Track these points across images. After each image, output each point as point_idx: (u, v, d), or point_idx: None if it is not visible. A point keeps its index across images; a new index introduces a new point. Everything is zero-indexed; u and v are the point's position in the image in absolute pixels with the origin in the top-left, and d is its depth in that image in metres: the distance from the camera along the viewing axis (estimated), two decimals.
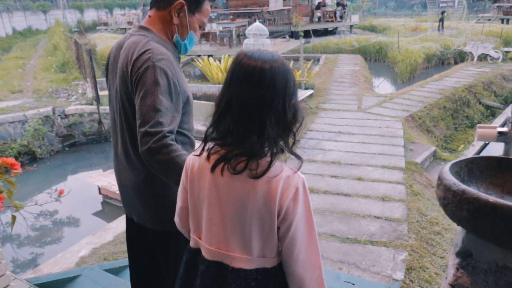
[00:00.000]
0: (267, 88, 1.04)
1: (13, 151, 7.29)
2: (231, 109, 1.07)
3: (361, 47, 16.94)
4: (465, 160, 1.02)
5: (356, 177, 5.35)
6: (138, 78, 1.43)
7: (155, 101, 1.39)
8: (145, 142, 1.37)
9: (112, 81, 1.65)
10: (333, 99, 9.37)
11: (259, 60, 1.05)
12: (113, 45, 1.71)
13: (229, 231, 1.14)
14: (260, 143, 1.06)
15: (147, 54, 1.45)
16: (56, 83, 11.26)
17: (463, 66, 13.43)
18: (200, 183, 1.17)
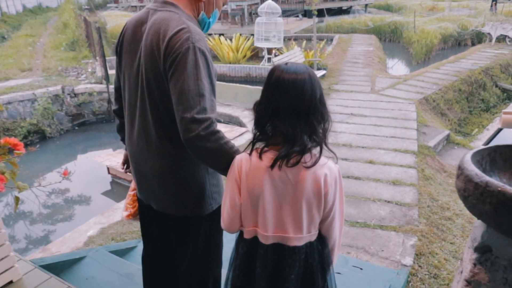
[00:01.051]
0: (311, 96, 1.28)
1: (23, 129, 7.32)
2: (278, 115, 1.27)
3: (375, 27, 16.55)
4: (488, 148, 0.93)
5: (367, 160, 5.26)
6: (177, 59, 1.35)
7: (199, 86, 1.34)
8: (192, 129, 1.32)
9: (130, 60, 1.53)
10: (345, 80, 9.19)
11: (298, 73, 1.27)
12: (128, 21, 1.58)
13: (284, 216, 1.36)
14: (309, 141, 1.30)
15: (185, 33, 1.36)
16: (66, 61, 11.22)
17: (480, 47, 13.04)
18: (254, 180, 1.34)
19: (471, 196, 0.82)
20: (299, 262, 1.41)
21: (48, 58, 11.77)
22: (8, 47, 14.59)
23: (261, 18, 9.78)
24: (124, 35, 1.57)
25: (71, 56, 12.04)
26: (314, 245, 1.43)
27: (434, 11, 19.84)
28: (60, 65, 10.66)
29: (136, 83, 1.52)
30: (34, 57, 12.25)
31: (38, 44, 15.33)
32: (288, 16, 14.59)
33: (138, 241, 3.00)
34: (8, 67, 10.61)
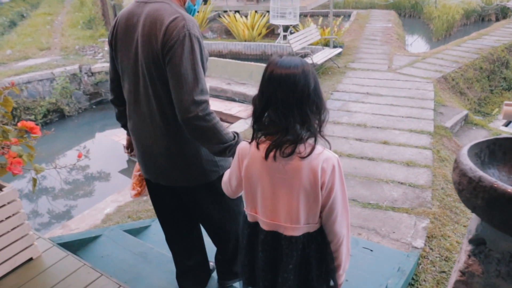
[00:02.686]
0: (303, 87, 1.30)
1: (42, 108, 7.48)
2: (272, 105, 1.31)
3: (395, 2, 16.07)
4: (487, 141, 0.93)
5: (382, 141, 5.23)
6: (175, 45, 1.45)
7: (196, 70, 1.47)
8: (191, 110, 1.46)
9: (126, 51, 1.63)
10: (362, 58, 9.03)
11: (291, 67, 1.30)
12: (119, 15, 1.68)
13: (280, 206, 1.40)
14: (303, 130, 1.31)
15: (181, 21, 1.48)
16: (83, 40, 11.31)
17: (504, 23, 12.55)
18: (253, 168, 1.42)
19: (465, 190, 0.82)
20: (297, 252, 1.43)
21: (66, 37, 11.88)
22: (27, 26, 14.76)
23: None
24: (117, 29, 1.67)
25: (88, 34, 12.11)
26: (313, 236, 1.44)
27: None
28: (78, 43, 10.76)
29: (135, 72, 1.62)
30: (52, 36, 12.37)
31: (56, 22, 15.44)
32: None
33: (151, 220, 3.09)
34: (27, 46, 10.76)
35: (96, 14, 14.43)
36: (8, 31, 15.37)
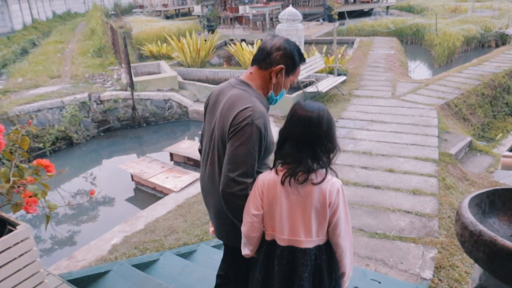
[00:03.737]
0: (316, 129, 1.59)
1: (51, 136, 7.59)
2: (289, 139, 1.63)
3: (397, 29, 16.35)
4: (486, 192, 0.98)
5: (387, 168, 5.25)
6: (237, 129, 1.71)
7: (246, 154, 1.71)
8: (231, 186, 1.70)
9: (210, 119, 1.94)
10: (366, 85, 9.15)
11: (309, 111, 1.61)
12: (215, 89, 2.01)
13: (296, 223, 1.67)
14: (313, 163, 1.60)
15: (249, 112, 1.72)
16: (93, 68, 11.55)
17: (504, 49, 12.72)
18: (272, 192, 1.67)
19: (467, 243, 0.87)
20: (310, 262, 1.69)
21: (76, 65, 12.15)
22: (39, 54, 15.13)
23: (282, 25, 9.83)
24: (210, 99, 2.01)
25: (97, 62, 12.38)
26: (322, 248, 1.71)
27: (456, 12, 19.42)
28: (87, 71, 10.99)
29: (211, 138, 1.92)
30: (63, 64, 12.66)
31: (67, 50, 15.82)
32: (309, 21, 14.57)
33: (160, 254, 3.11)
34: (38, 74, 11.01)
35: (106, 43, 14.78)
36: (20, 59, 15.77)
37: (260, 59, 1.86)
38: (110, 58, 12.91)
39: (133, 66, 10.34)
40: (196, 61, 11.34)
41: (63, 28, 25.59)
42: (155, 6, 30.85)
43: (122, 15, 31.34)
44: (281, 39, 1.89)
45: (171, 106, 8.90)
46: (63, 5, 34.05)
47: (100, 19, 21.14)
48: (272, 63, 1.84)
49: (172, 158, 6.61)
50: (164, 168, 5.85)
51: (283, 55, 1.84)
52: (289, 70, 1.87)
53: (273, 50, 1.84)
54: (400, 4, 26.75)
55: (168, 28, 16.41)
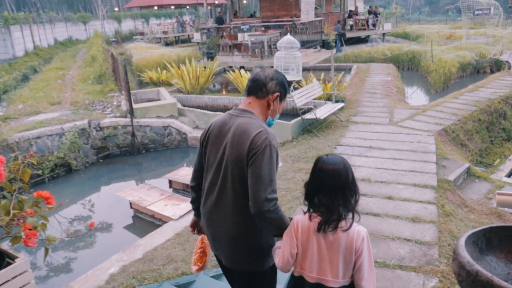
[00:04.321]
0: (345, 179, 1.85)
1: (50, 163, 7.60)
2: (321, 191, 1.87)
3: (393, 56, 16.64)
4: (483, 230, 1.00)
5: (386, 195, 5.25)
6: (258, 151, 1.88)
7: (271, 173, 1.89)
8: (265, 205, 1.86)
9: (215, 151, 2.06)
10: (364, 112, 9.24)
11: (335, 164, 1.87)
12: (214, 122, 2.14)
13: (325, 264, 1.90)
14: (344, 210, 1.84)
15: (264, 134, 1.91)
16: (93, 95, 11.67)
17: (499, 75, 12.93)
18: (305, 236, 1.91)
19: (464, 282, 0.88)
20: None
21: (76, 92, 12.27)
22: (40, 80, 15.31)
23: (280, 52, 10.02)
24: (210, 132, 2.12)
25: (98, 89, 12.51)
26: None
27: (451, 39, 19.82)
28: (88, 98, 11.09)
29: (219, 167, 2.03)
30: (63, 90, 12.79)
31: (67, 76, 16.02)
32: (307, 48, 14.84)
33: (158, 285, 3.08)
34: (38, 100, 11.10)
35: (107, 69, 14.97)
36: (21, 85, 15.95)
37: (257, 89, 2.07)
38: (111, 84, 13.06)
39: (133, 93, 10.45)
40: (196, 88, 11.48)
41: (64, 54, 25.97)
42: (155, 33, 31.43)
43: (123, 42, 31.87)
44: (272, 70, 2.12)
45: (170, 133, 8.95)
46: (64, 32, 34.67)
47: (101, 46, 21.48)
48: (268, 92, 2.06)
49: (171, 185, 6.60)
50: (163, 196, 5.84)
51: (277, 84, 2.08)
52: (282, 97, 2.13)
53: (267, 80, 2.06)
54: (396, 31, 27.32)
55: (168, 55, 16.68)
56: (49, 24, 31.53)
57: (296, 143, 7.58)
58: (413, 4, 68.51)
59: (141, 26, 37.53)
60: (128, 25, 40.89)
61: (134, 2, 39.30)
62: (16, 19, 24.56)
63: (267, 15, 17.85)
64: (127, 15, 42.04)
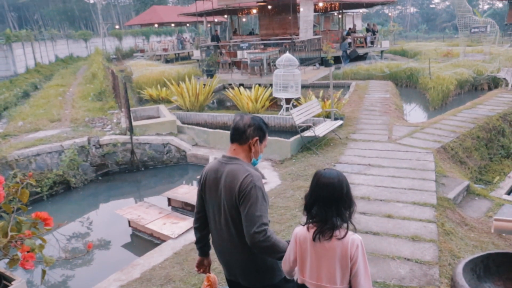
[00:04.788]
0: (339, 192, 2.03)
1: (49, 180, 7.57)
2: (318, 203, 2.05)
3: (392, 73, 16.78)
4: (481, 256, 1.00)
5: (386, 214, 5.23)
6: (246, 193, 2.19)
7: (258, 210, 2.18)
8: (255, 238, 2.15)
9: (213, 195, 2.39)
10: (363, 129, 9.27)
11: (331, 178, 2.05)
12: (208, 169, 2.46)
13: (323, 272, 2.06)
14: (338, 220, 2.01)
15: (250, 177, 2.22)
16: (93, 112, 11.71)
17: (497, 92, 13.02)
18: (304, 245, 2.11)
19: None
20: None
21: (76, 109, 12.32)
22: (40, 97, 15.39)
23: (279, 70, 10.10)
24: (207, 179, 2.43)
25: (98, 106, 12.57)
26: None
27: (449, 56, 20.03)
28: (87, 115, 11.13)
29: (219, 208, 2.37)
30: (63, 107, 12.84)
31: (68, 93, 16.11)
32: (306, 66, 14.97)
33: None
34: (38, 117, 11.14)
35: (107, 87, 15.06)
36: (21, 102, 16.02)
37: (238, 137, 2.37)
38: (110, 102, 13.12)
39: (132, 110, 10.50)
40: (195, 105, 11.54)
41: (65, 71, 26.17)
42: (156, 50, 31.73)
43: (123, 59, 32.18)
44: (248, 117, 2.41)
45: (169, 150, 8.96)
46: (65, 49, 35.00)
47: (102, 63, 21.65)
48: (248, 138, 2.36)
49: (170, 203, 6.57)
50: (161, 214, 5.81)
51: (255, 129, 2.37)
52: (261, 139, 2.42)
53: (246, 127, 2.36)
54: (393, 49, 27.62)
55: (168, 72, 16.81)
56: (51, 41, 31.84)
57: (295, 160, 7.58)
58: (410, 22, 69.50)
59: (142, 43, 37.89)
60: (129, 42, 41.32)
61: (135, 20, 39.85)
62: (18, 37, 24.81)
63: (266, 33, 18.05)
64: (128, 33, 42.52)
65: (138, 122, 9.57)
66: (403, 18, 72.64)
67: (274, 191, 6.15)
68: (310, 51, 16.60)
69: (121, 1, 68.25)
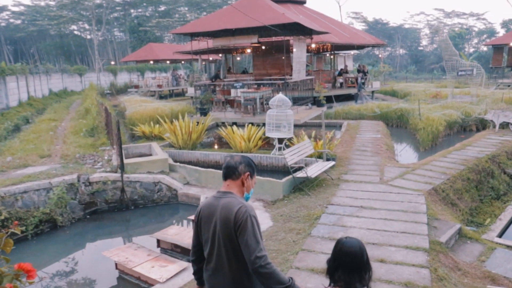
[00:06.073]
0: (360, 259, 2.28)
1: (35, 219, 7.40)
2: (341, 268, 2.29)
3: (382, 113, 17.07)
4: None
5: (379, 259, 5.17)
6: (242, 223, 2.39)
7: (256, 237, 2.38)
8: (256, 262, 2.33)
9: (208, 227, 2.56)
10: (355, 170, 9.30)
11: (353, 247, 2.31)
12: (203, 204, 2.66)
13: None
14: (360, 286, 2.25)
15: (243, 208, 2.44)
16: (84, 148, 11.64)
17: (485, 134, 13.26)
18: None
19: None
20: None
21: (68, 144, 12.24)
22: (31, 132, 15.30)
23: (272, 110, 10.23)
24: (202, 213, 2.62)
25: (89, 142, 12.51)
26: None
27: (437, 97, 20.50)
28: (78, 151, 11.05)
29: (213, 241, 2.53)
30: (54, 143, 12.77)
31: (60, 128, 16.06)
32: (299, 105, 15.21)
33: None
34: (28, 152, 11.03)
35: (99, 123, 15.06)
36: (12, 136, 15.88)
37: (231, 173, 2.62)
38: (103, 138, 13.08)
39: (124, 147, 10.47)
40: (188, 143, 11.55)
41: (58, 105, 26.23)
42: (150, 86, 32.08)
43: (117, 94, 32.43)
44: (238, 156, 2.68)
45: (160, 189, 8.87)
46: (60, 83, 35.28)
47: (95, 99, 21.76)
48: (240, 173, 2.62)
49: (159, 245, 6.43)
50: (150, 256, 5.67)
51: (245, 166, 2.64)
52: (251, 175, 2.68)
53: (237, 164, 2.62)
54: (384, 89, 28.27)
55: (162, 109, 16.94)
56: (45, 75, 32.12)
57: (287, 201, 7.53)
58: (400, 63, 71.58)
59: (136, 79, 38.38)
60: (124, 77, 41.85)
61: (130, 56, 40.52)
62: (13, 70, 25.00)
63: (260, 73, 18.44)
64: (123, 68, 43.15)
65: (129, 159, 9.52)
66: (393, 59, 74.89)
67: (265, 233, 6.06)
68: (303, 91, 16.93)
69: (118, 37, 69.63)
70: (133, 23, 58.71)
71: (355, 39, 23.61)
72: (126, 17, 62.29)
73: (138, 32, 54.58)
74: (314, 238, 5.83)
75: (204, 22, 16.96)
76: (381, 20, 76.19)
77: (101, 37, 58.29)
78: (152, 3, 62.36)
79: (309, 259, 5.20)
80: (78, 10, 52.93)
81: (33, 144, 12.46)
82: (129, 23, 59.73)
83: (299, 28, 15.29)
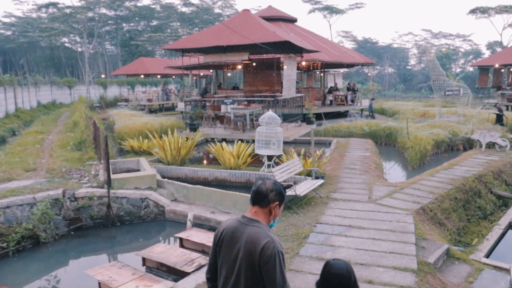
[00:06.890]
0: (348, 280, 2.37)
1: (17, 235, 7.20)
2: None
3: (371, 131, 17.21)
4: None
5: (367, 280, 5.13)
6: (269, 260, 2.33)
7: (283, 276, 2.37)
8: None
9: (229, 252, 2.49)
10: (343, 188, 9.30)
11: (340, 269, 2.40)
12: (226, 227, 2.55)
13: None
14: None
15: (271, 243, 2.36)
16: (71, 162, 11.46)
17: (472, 153, 13.42)
18: None
19: None
20: None
21: (54, 158, 12.05)
22: (17, 144, 15.03)
23: (261, 128, 10.23)
24: (224, 235, 2.53)
25: (76, 156, 12.33)
26: None
27: (425, 116, 20.79)
28: (65, 166, 10.87)
29: (233, 267, 2.46)
30: (40, 156, 12.56)
31: (47, 141, 15.84)
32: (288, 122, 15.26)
33: None
34: (13, 166, 10.81)
35: (88, 136, 14.88)
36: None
37: (260, 200, 2.52)
38: (90, 152, 12.91)
39: (112, 162, 10.34)
40: (176, 159, 11.47)
41: (46, 118, 25.94)
42: (140, 100, 31.99)
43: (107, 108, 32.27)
44: (271, 182, 2.57)
45: (147, 205, 8.74)
46: (49, 95, 35.01)
47: (84, 112, 21.58)
48: (269, 202, 2.51)
49: (145, 263, 6.30)
50: (135, 276, 5.53)
51: (276, 194, 2.53)
52: (281, 203, 2.57)
53: (268, 192, 2.51)
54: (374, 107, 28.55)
55: (151, 123, 16.85)
56: (34, 87, 31.87)
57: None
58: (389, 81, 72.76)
59: (127, 93, 38.26)
60: (114, 91, 41.69)
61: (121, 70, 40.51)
62: (1, 81, 24.75)
63: (250, 90, 18.51)
64: (113, 82, 43.03)
65: (117, 175, 9.39)
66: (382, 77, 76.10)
67: None
68: (293, 108, 17.02)
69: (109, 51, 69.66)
70: (125, 37, 58.90)
71: (344, 57, 23.94)
72: (118, 31, 62.45)
73: (130, 46, 54.70)
74: (302, 258, 5.77)
75: (196, 38, 17.05)
76: (371, 39, 77.63)
77: (92, 50, 58.28)
78: (145, 17, 62.72)
79: (297, 280, 5.13)
80: (69, 23, 52.94)
81: (18, 157, 12.24)
82: (121, 37, 59.88)
83: (290, 46, 15.45)
